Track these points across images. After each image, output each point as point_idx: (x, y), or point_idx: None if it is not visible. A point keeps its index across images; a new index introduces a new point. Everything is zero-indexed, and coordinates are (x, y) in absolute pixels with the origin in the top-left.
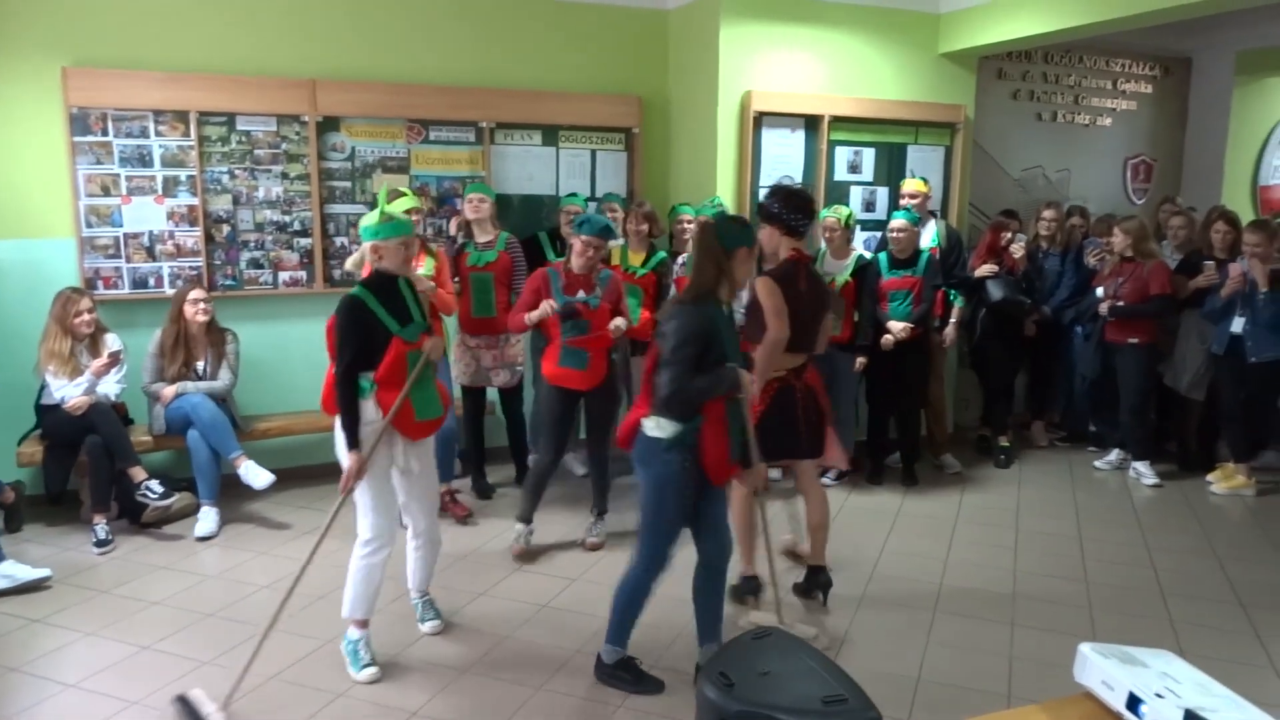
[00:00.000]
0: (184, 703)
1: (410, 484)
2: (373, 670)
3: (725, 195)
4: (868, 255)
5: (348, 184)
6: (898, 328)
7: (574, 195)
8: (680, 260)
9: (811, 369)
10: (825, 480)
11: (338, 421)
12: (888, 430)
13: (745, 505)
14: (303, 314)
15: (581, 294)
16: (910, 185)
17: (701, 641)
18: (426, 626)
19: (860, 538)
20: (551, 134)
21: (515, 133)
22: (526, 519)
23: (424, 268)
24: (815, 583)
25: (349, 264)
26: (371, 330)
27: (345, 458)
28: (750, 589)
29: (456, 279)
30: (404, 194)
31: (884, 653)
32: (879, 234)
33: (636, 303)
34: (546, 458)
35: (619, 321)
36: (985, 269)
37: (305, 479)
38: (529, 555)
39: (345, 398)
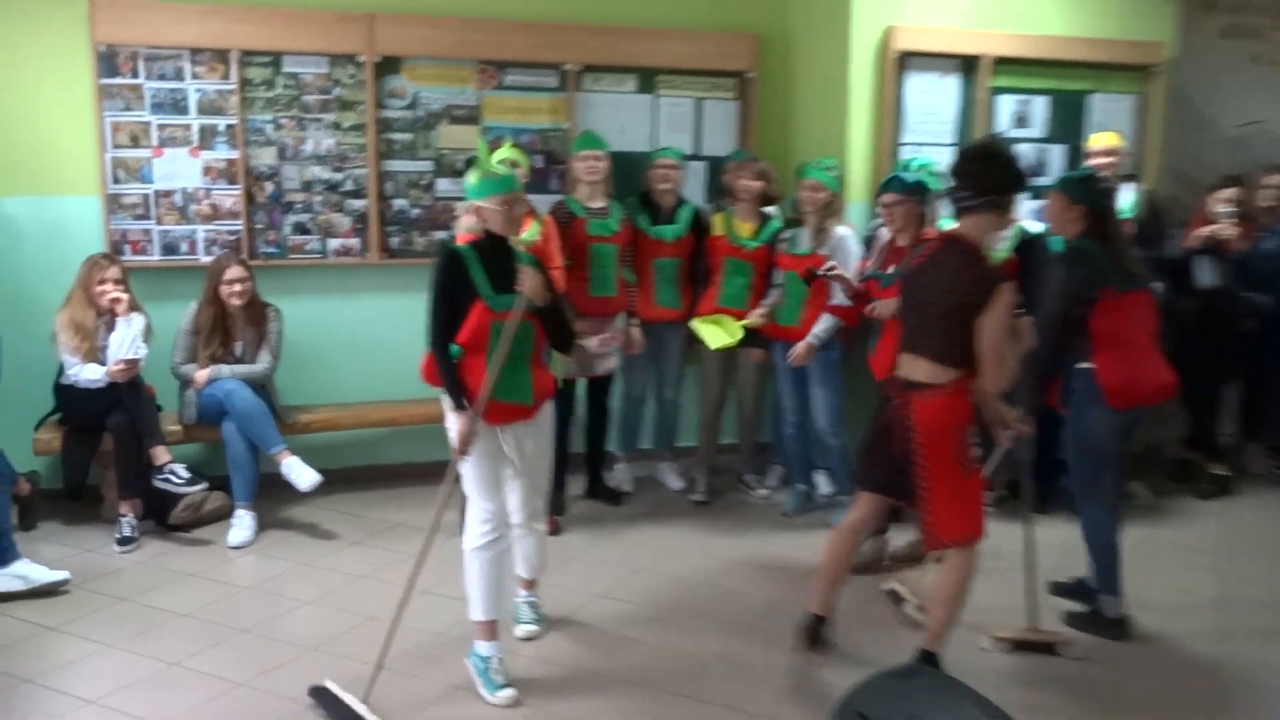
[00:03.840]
0: (323, 693)
1: (520, 465)
2: (509, 693)
3: (860, 155)
4: (1035, 228)
5: (409, 137)
6: None
7: (667, 149)
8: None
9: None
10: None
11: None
12: (1055, 446)
13: (846, 535)
14: (355, 289)
15: (893, 267)
16: (1103, 140)
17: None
18: (521, 631)
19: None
20: (648, 79)
21: (605, 77)
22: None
23: (528, 231)
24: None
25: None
26: (462, 290)
27: (453, 424)
28: (816, 634)
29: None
30: (503, 144)
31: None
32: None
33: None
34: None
35: None
36: (1204, 234)
37: (353, 482)
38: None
39: (442, 358)
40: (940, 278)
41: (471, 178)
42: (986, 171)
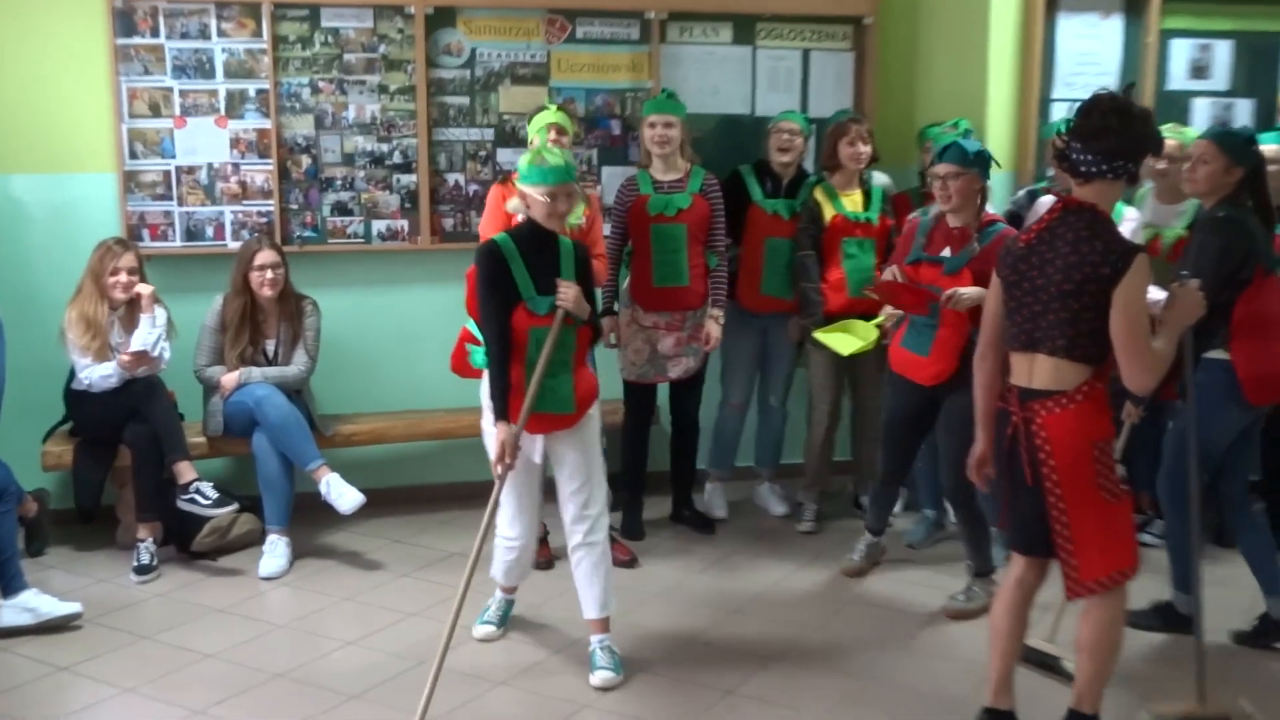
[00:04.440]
0: None
1: (562, 477)
2: (490, 629)
3: (1001, 114)
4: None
5: (465, 100)
6: None
7: (791, 113)
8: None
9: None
10: (1147, 537)
11: (483, 393)
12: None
13: (1011, 595)
14: (403, 279)
15: (947, 251)
16: None
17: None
18: (597, 679)
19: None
20: (747, 27)
21: (695, 26)
22: (877, 529)
23: (573, 215)
24: None
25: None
26: (504, 288)
27: (491, 433)
28: None
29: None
30: (545, 108)
31: None
32: None
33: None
34: (882, 473)
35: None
36: None
37: (402, 504)
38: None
39: (498, 365)
40: (1060, 252)
41: (524, 160)
42: (1122, 131)
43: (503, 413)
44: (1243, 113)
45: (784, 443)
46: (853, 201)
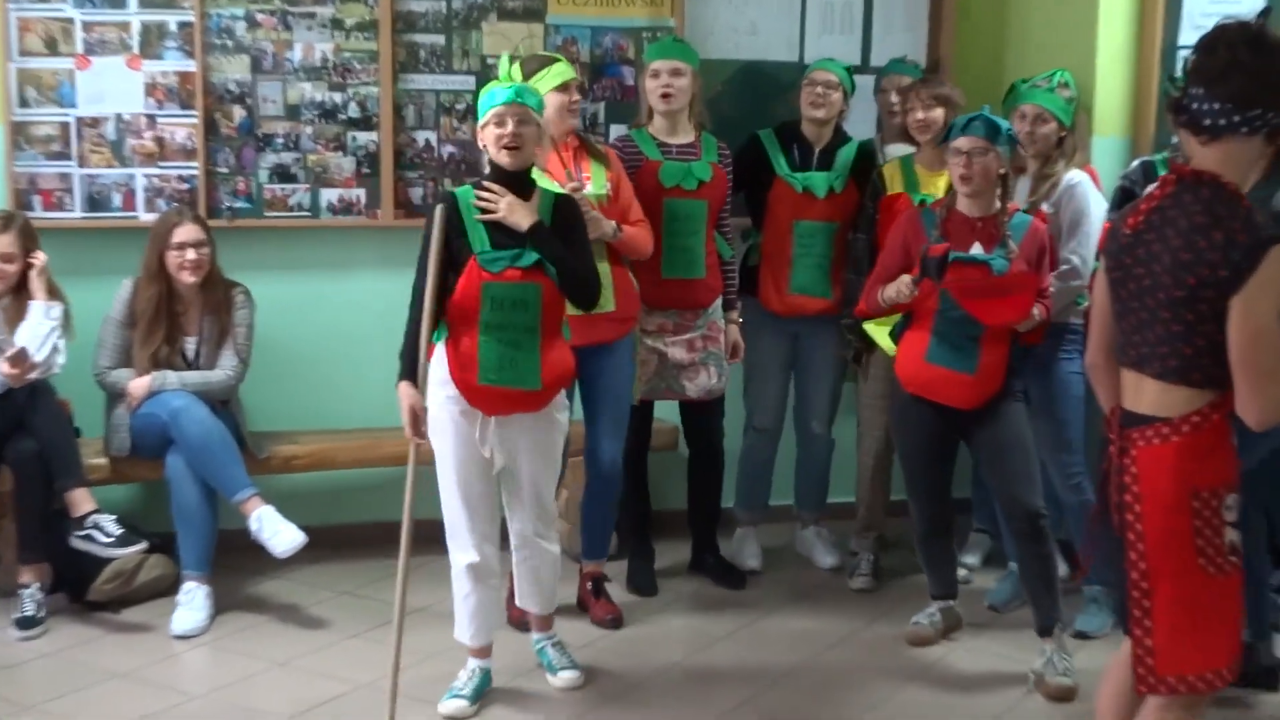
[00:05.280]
0: None
1: (504, 478)
2: (462, 704)
3: (1113, 66)
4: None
5: (440, 39)
6: None
7: (830, 60)
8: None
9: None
10: None
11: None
12: None
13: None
14: (359, 262)
15: (978, 248)
16: None
17: None
18: (559, 679)
19: None
20: None
21: None
22: (943, 593)
23: (592, 185)
24: None
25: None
26: (456, 242)
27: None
28: None
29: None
30: (556, 59)
31: None
32: None
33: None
34: (922, 526)
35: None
36: None
37: (353, 546)
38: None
39: (415, 318)
40: (1171, 245)
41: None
42: (1256, 68)
43: (409, 371)
44: None
45: (830, 477)
46: (934, 181)
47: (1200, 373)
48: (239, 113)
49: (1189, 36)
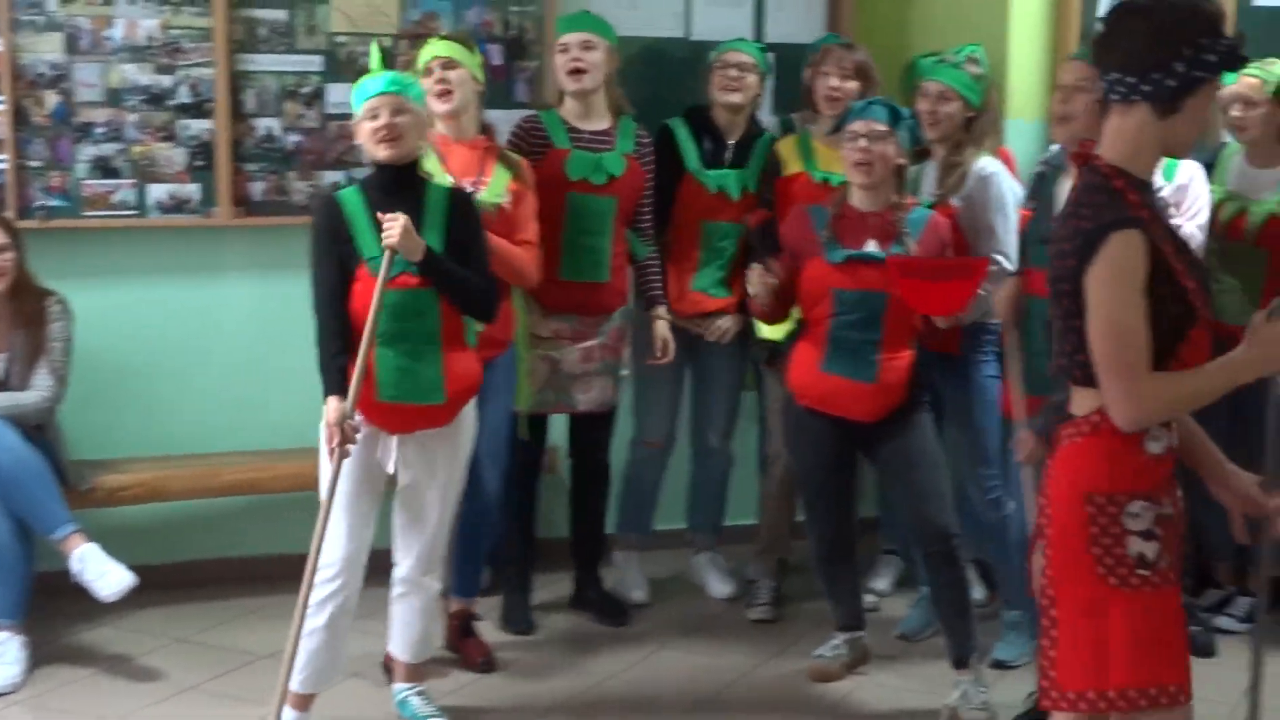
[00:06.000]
0: None
1: (405, 500)
2: None
3: (1028, 41)
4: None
5: (282, 14)
6: None
7: (742, 40)
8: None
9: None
10: (1226, 621)
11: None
12: None
13: None
14: (193, 267)
15: (872, 244)
16: None
17: None
18: None
19: None
20: None
21: None
22: (848, 624)
23: (486, 190)
24: None
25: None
26: (343, 249)
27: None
28: None
29: None
30: (465, 43)
31: None
32: None
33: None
34: (820, 549)
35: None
36: None
37: (190, 587)
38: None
39: (320, 328)
40: (1056, 234)
41: None
42: (1142, 30)
43: (333, 385)
44: None
45: (728, 497)
46: (833, 159)
47: (1080, 370)
48: (52, 99)
49: (1104, 8)
